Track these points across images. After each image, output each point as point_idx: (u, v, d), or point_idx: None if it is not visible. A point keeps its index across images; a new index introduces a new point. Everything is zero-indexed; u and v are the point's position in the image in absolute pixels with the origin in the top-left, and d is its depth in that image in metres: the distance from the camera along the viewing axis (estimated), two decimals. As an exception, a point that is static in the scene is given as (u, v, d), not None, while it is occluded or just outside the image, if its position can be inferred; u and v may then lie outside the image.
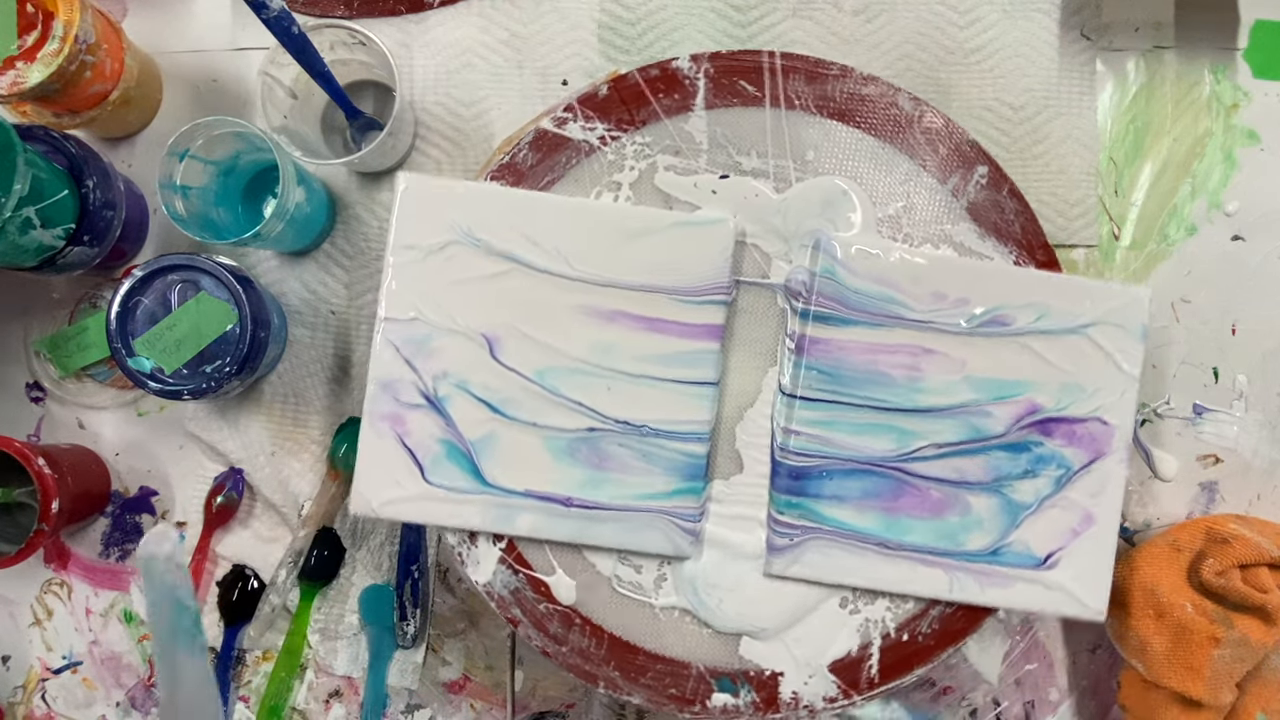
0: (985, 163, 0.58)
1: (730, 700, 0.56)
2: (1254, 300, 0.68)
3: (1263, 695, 0.61)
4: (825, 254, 0.56)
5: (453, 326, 0.55)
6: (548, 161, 0.58)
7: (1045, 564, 0.56)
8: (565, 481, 0.56)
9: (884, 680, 0.56)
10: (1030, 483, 0.56)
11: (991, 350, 0.56)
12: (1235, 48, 0.69)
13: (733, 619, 0.56)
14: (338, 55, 0.63)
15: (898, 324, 0.56)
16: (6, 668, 0.70)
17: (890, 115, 0.58)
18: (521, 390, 0.56)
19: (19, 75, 0.58)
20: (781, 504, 0.56)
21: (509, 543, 0.57)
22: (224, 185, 0.66)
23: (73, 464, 0.65)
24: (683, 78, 0.58)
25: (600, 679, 0.56)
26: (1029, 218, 0.58)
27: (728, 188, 0.58)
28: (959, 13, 0.68)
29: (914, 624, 0.57)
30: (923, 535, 0.56)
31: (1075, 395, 0.56)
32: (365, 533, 0.68)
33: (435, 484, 0.55)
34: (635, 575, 0.57)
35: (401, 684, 0.68)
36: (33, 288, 0.69)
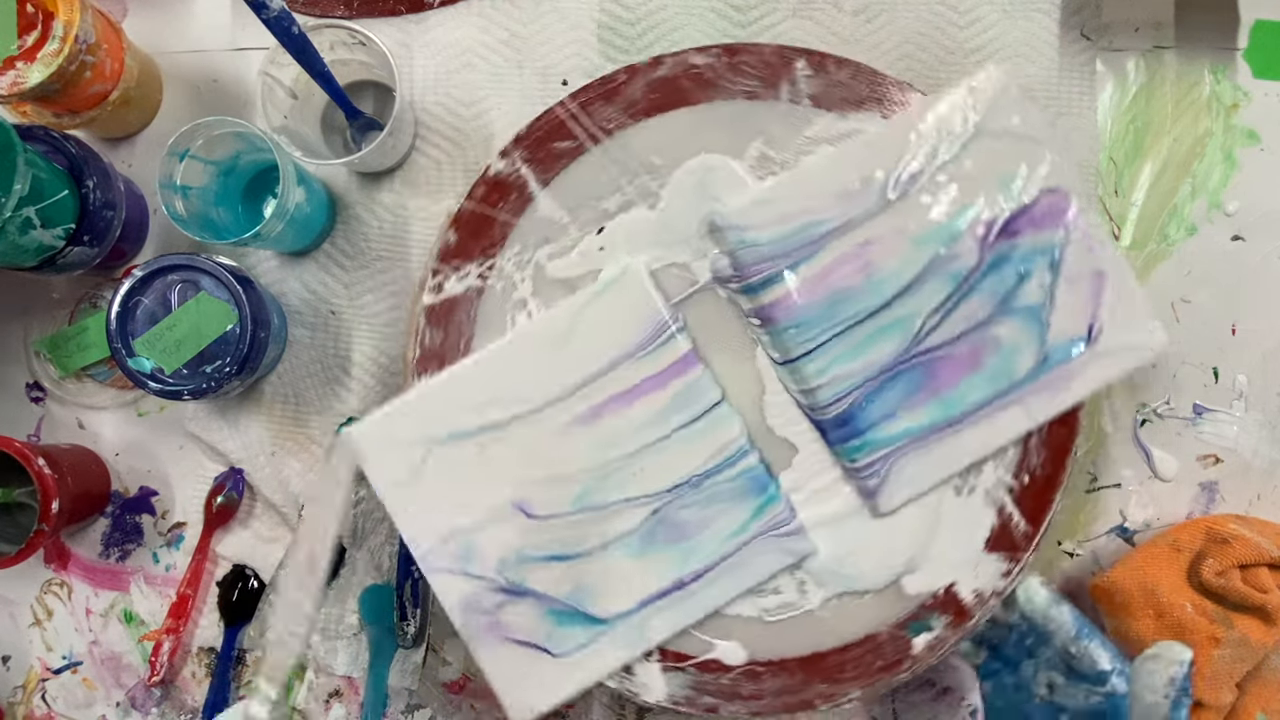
0: (798, 55, 0.57)
1: (929, 636, 0.56)
2: (1254, 300, 0.68)
3: (1263, 695, 0.61)
4: (725, 229, 0.55)
5: (481, 519, 0.55)
6: (452, 326, 0.57)
7: (1092, 338, 0.55)
8: (665, 570, 0.55)
9: (1036, 524, 0.57)
10: (1031, 284, 0.55)
11: (918, 204, 0.55)
12: (1235, 48, 0.69)
13: (881, 572, 0.56)
14: (338, 55, 0.63)
15: (827, 240, 0.55)
16: (6, 668, 0.70)
17: (693, 80, 0.57)
18: (573, 526, 0.55)
19: (19, 75, 0.58)
20: (849, 452, 0.56)
21: (659, 650, 0.56)
22: (224, 185, 0.66)
23: (73, 464, 0.65)
24: (508, 178, 0.57)
25: (814, 700, 0.56)
26: (867, 73, 0.57)
27: (609, 237, 0.57)
28: (959, 13, 0.67)
29: (1025, 464, 0.57)
30: (979, 390, 0.55)
31: (1011, 187, 0.55)
32: (365, 533, 0.68)
33: (565, 654, 0.55)
34: (779, 598, 0.57)
35: (401, 684, 0.68)
36: (33, 288, 0.69)
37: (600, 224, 0.57)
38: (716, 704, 0.56)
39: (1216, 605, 0.59)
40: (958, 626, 0.56)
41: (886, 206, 0.55)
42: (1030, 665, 0.57)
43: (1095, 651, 0.54)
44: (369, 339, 0.68)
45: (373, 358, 0.68)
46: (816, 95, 0.57)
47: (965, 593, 0.56)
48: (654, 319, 0.55)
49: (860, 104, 0.57)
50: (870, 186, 0.55)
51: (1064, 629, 0.55)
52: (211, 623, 0.69)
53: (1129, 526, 0.68)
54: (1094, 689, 0.54)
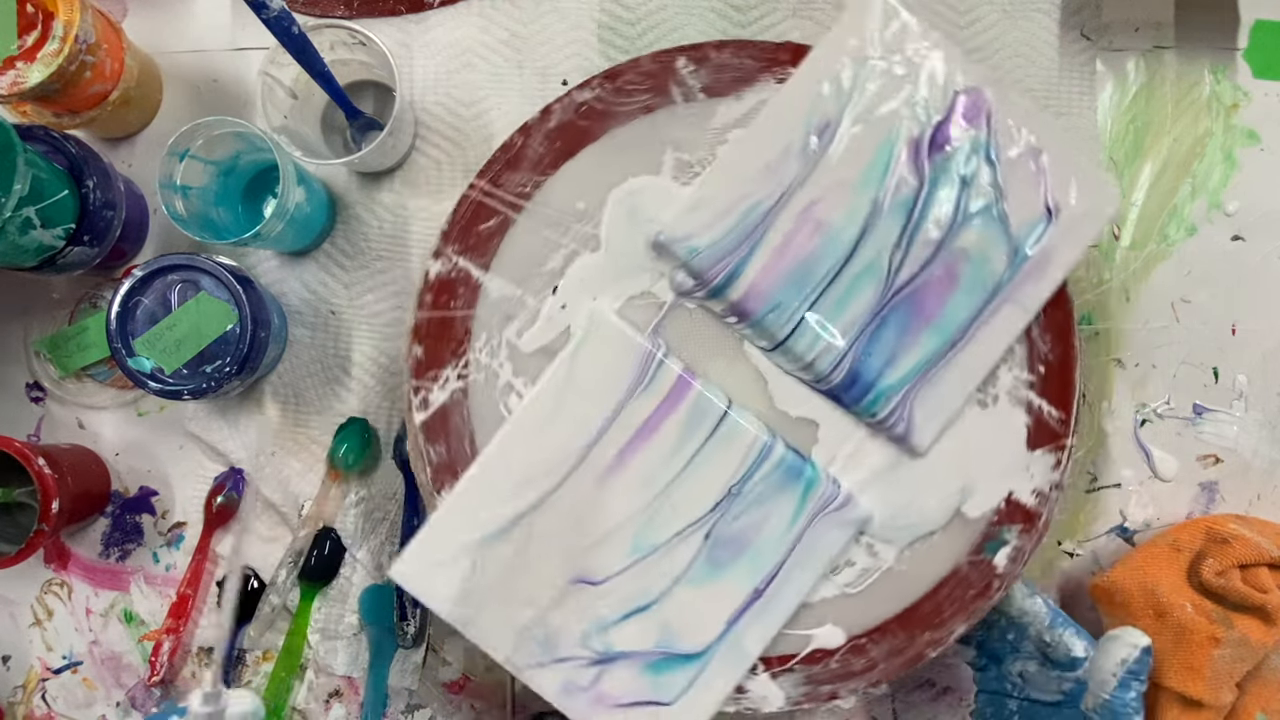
0: (676, 55, 0.57)
1: (1007, 549, 0.56)
2: (1254, 300, 0.68)
3: (1263, 695, 0.61)
4: (670, 245, 0.55)
5: (548, 604, 0.55)
6: (452, 435, 0.56)
7: (1054, 214, 0.55)
8: (738, 585, 0.55)
9: (1066, 408, 0.57)
10: (977, 185, 0.55)
11: (843, 150, 0.55)
12: (1235, 48, 0.69)
13: (940, 509, 0.56)
14: (338, 55, 0.63)
15: (771, 218, 0.55)
16: (6, 668, 0.70)
17: (586, 117, 0.57)
18: (637, 577, 0.55)
19: (19, 75, 0.58)
20: (867, 408, 0.56)
21: (762, 661, 0.56)
22: (224, 185, 0.66)
23: (73, 464, 0.65)
24: (450, 275, 0.56)
25: (924, 650, 0.56)
26: (746, 47, 0.57)
27: (566, 293, 0.56)
28: (959, 13, 0.67)
29: (1035, 355, 0.57)
30: (965, 304, 0.55)
31: (922, 99, 0.55)
32: (365, 533, 0.68)
33: (676, 699, 0.55)
34: (855, 569, 0.57)
35: (401, 684, 0.68)
36: (33, 288, 0.69)
37: (553, 284, 0.56)
38: (835, 688, 0.56)
39: (1216, 605, 0.59)
40: (1030, 532, 0.56)
41: (814, 164, 0.55)
42: (1012, 658, 0.58)
43: (1069, 640, 0.55)
44: (369, 339, 0.68)
45: (373, 358, 0.68)
46: (708, 86, 0.57)
47: (1025, 497, 0.56)
48: (638, 353, 0.55)
49: (752, 79, 0.57)
50: (791, 151, 0.55)
51: (1038, 619, 0.56)
52: (211, 623, 0.69)
53: (1129, 526, 0.68)
54: (1065, 675, 0.55)
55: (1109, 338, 0.68)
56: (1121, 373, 0.68)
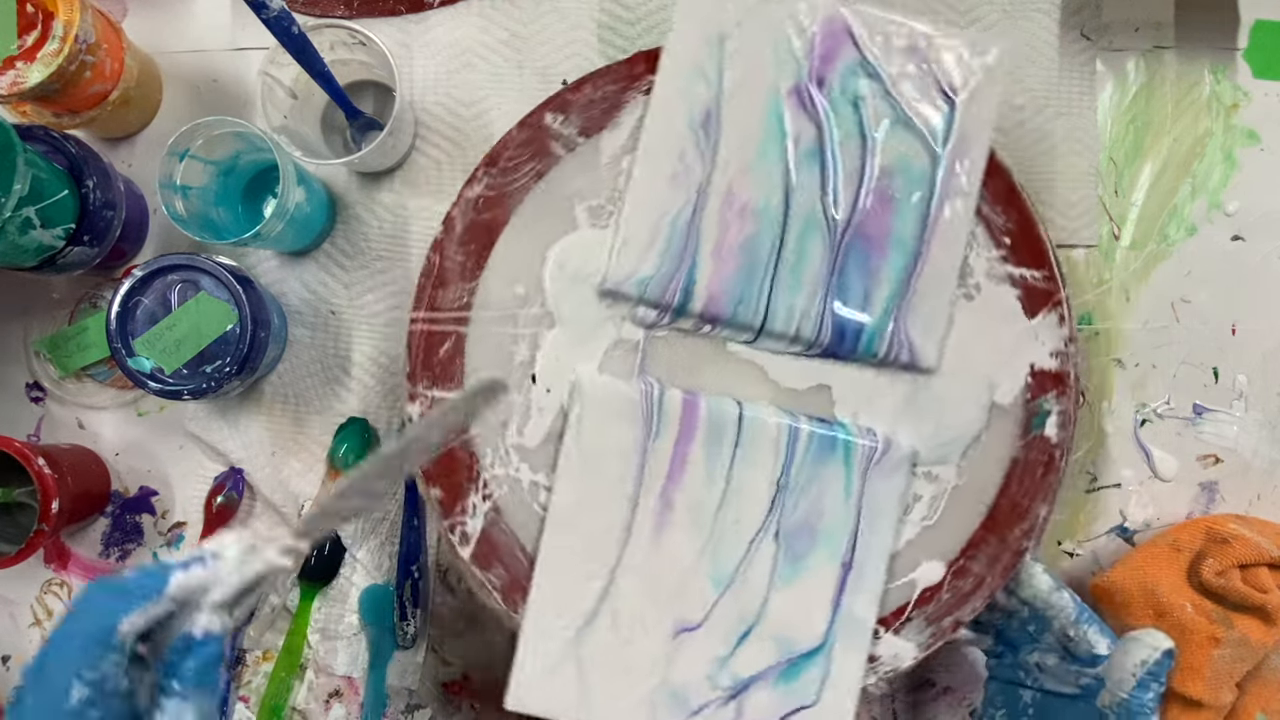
0: (541, 112, 0.57)
1: (1053, 418, 0.57)
2: (1254, 300, 0.68)
3: (1263, 695, 0.61)
4: (616, 289, 0.55)
5: (663, 667, 0.54)
6: (504, 554, 0.56)
7: (953, 95, 0.56)
8: (825, 569, 0.55)
9: (1044, 265, 0.57)
10: (871, 103, 0.55)
11: (731, 132, 0.55)
12: (1235, 48, 0.69)
13: (974, 414, 0.57)
14: (338, 55, 0.63)
15: (698, 221, 0.55)
16: (6, 668, 0.70)
17: (486, 209, 0.56)
18: (732, 603, 0.55)
19: (19, 75, 0.58)
20: (866, 351, 0.56)
21: (880, 624, 0.56)
22: (224, 185, 0.66)
23: (73, 464, 0.65)
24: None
25: (1020, 543, 0.56)
26: (601, 76, 0.57)
27: (545, 378, 0.56)
28: (959, 13, 0.67)
29: (995, 231, 0.57)
30: (909, 216, 0.55)
31: (785, 50, 0.55)
32: (365, 533, 0.68)
33: (819, 697, 0.55)
34: (923, 502, 0.57)
35: (401, 684, 0.68)
36: (33, 288, 0.69)
37: (529, 374, 0.56)
38: (955, 618, 0.56)
39: (1216, 605, 0.59)
40: (1064, 393, 0.57)
41: (713, 155, 0.55)
42: (1030, 649, 0.58)
43: (1093, 636, 0.55)
44: (369, 339, 0.68)
45: (373, 358, 0.68)
46: (583, 128, 0.57)
47: (1046, 362, 0.57)
48: (637, 402, 0.55)
49: (620, 102, 0.57)
50: (687, 153, 0.55)
51: (1064, 613, 0.56)
52: (211, 623, 0.69)
53: (1129, 526, 0.68)
54: (1085, 670, 0.55)
55: (1109, 338, 0.68)
56: (1121, 373, 0.68)
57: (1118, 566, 0.63)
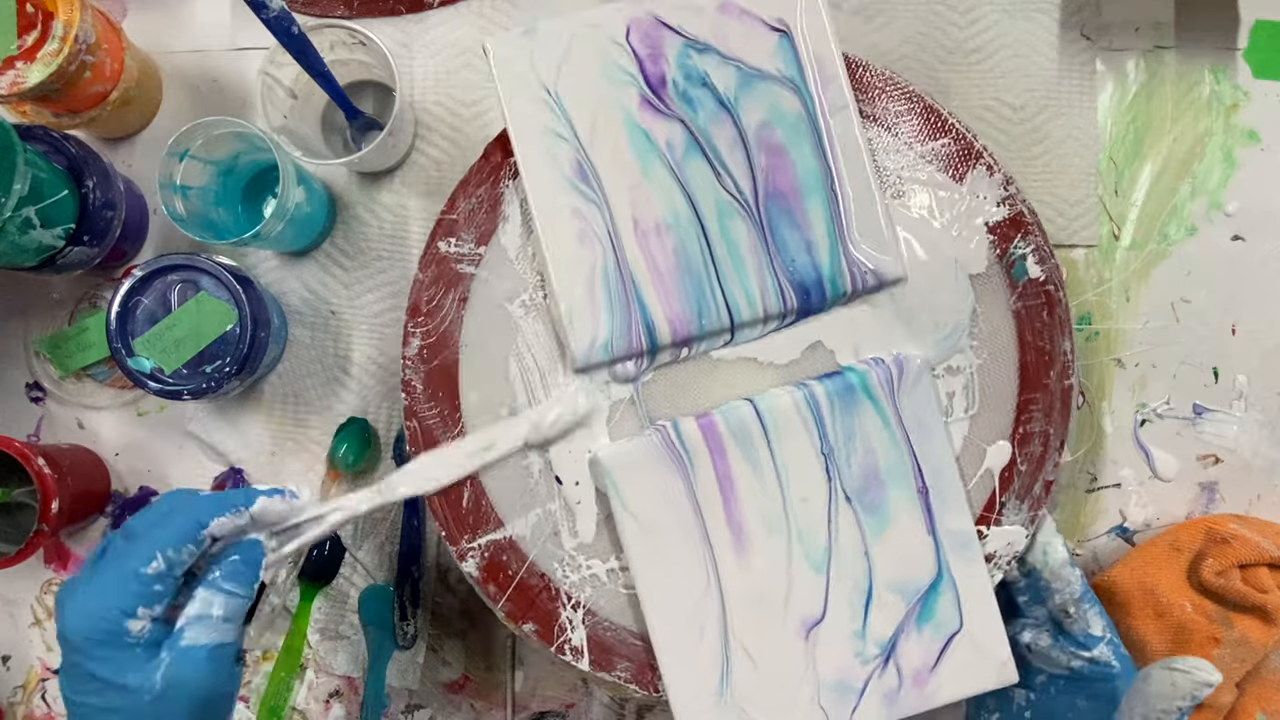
0: (436, 239, 0.57)
1: (1029, 258, 0.57)
2: (1254, 300, 0.68)
3: (1263, 695, 0.61)
4: (588, 365, 0.55)
5: (810, 670, 0.55)
6: (611, 646, 0.56)
7: (783, 25, 0.56)
8: (906, 504, 0.55)
9: (944, 131, 0.57)
10: (714, 73, 0.55)
11: (607, 166, 0.55)
12: (1235, 48, 0.69)
13: (958, 295, 0.57)
14: (338, 55, 0.63)
15: (624, 262, 0.55)
16: (6, 668, 0.70)
17: (436, 370, 0.56)
18: (840, 580, 0.55)
19: (19, 75, 0.58)
20: (835, 295, 0.56)
21: (979, 525, 0.57)
22: (224, 185, 0.66)
23: (73, 464, 0.65)
24: (490, 557, 0.56)
25: (1065, 386, 0.57)
26: (470, 180, 0.57)
27: (568, 474, 0.56)
28: (959, 13, 0.68)
29: (884, 121, 0.57)
30: (806, 156, 0.56)
31: (610, 65, 0.55)
32: (365, 533, 0.68)
33: (962, 619, 0.55)
34: (957, 398, 0.57)
35: (401, 684, 0.68)
36: (33, 288, 0.69)
37: (554, 480, 0.56)
38: (1046, 479, 0.57)
39: (1216, 605, 0.59)
40: (1026, 231, 0.57)
41: (603, 195, 0.55)
42: (1018, 624, 0.58)
43: (1092, 617, 0.55)
44: (369, 339, 0.68)
45: (372, 358, 0.68)
46: (479, 237, 0.57)
47: (996, 214, 0.57)
48: (659, 449, 0.55)
49: (497, 198, 0.57)
50: (579, 207, 0.55)
51: (1070, 588, 0.56)
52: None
53: (1129, 526, 0.68)
54: (1079, 652, 0.55)
55: (1109, 338, 0.68)
56: (1121, 373, 0.68)
57: (1118, 566, 0.63)
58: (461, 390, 0.57)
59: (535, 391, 0.57)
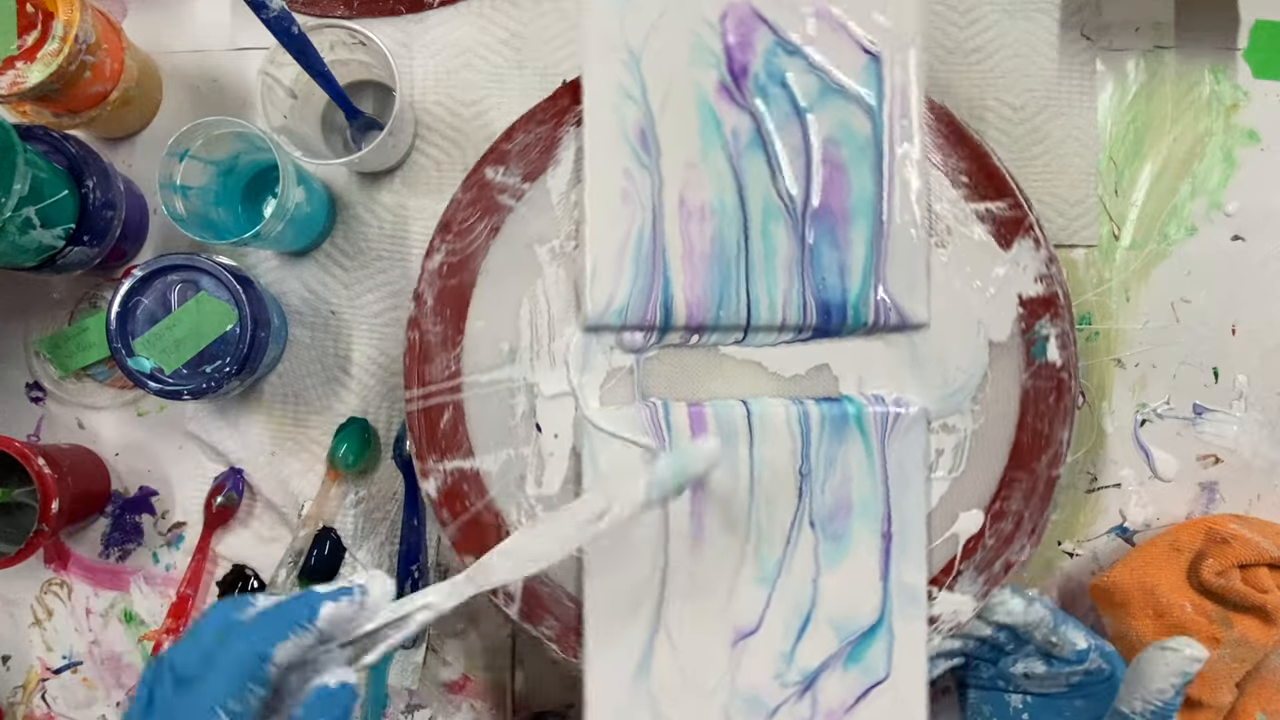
0: (483, 166, 0.57)
1: (1053, 341, 0.57)
2: (1254, 300, 0.68)
3: (1263, 695, 0.61)
4: (598, 323, 0.55)
5: (730, 674, 0.55)
6: (547, 603, 0.56)
7: (876, 53, 0.56)
8: (867, 544, 0.55)
9: (1006, 194, 0.57)
10: (797, 78, 0.55)
11: (670, 140, 0.55)
12: (1235, 48, 0.69)
13: (975, 355, 0.57)
14: (338, 55, 0.63)
15: (659, 235, 0.55)
16: (6, 668, 0.70)
17: (453, 274, 0.56)
18: (783, 599, 0.55)
19: (19, 75, 0.58)
20: (855, 323, 0.56)
21: (932, 583, 0.57)
22: (224, 185, 0.66)
23: (73, 464, 0.65)
24: (449, 485, 0.56)
25: (1051, 473, 0.56)
26: (530, 118, 0.57)
27: (550, 424, 0.56)
28: (959, 13, 0.67)
29: (952, 172, 0.57)
30: (863, 181, 0.55)
31: (700, 45, 0.55)
32: (365, 533, 0.68)
33: (890, 669, 0.55)
34: (946, 457, 0.57)
35: (401, 684, 0.68)
36: (33, 288, 0.69)
37: (533, 425, 0.56)
38: (1009, 559, 0.57)
39: (1216, 605, 0.59)
40: (1059, 312, 0.56)
41: (657, 166, 0.55)
42: (1009, 660, 0.58)
43: (1072, 635, 0.56)
44: (369, 339, 0.68)
45: (372, 358, 0.68)
46: (526, 174, 0.57)
47: (1031, 289, 0.57)
48: (644, 428, 0.55)
49: (556, 140, 0.57)
50: (631, 171, 0.55)
51: (1044, 625, 0.56)
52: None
53: (1129, 526, 0.68)
54: (1075, 669, 0.56)
55: (1109, 338, 0.68)
56: (1121, 373, 0.68)
57: (1118, 566, 0.63)
58: (470, 315, 0.56)
59: (540, 338, 0.56)
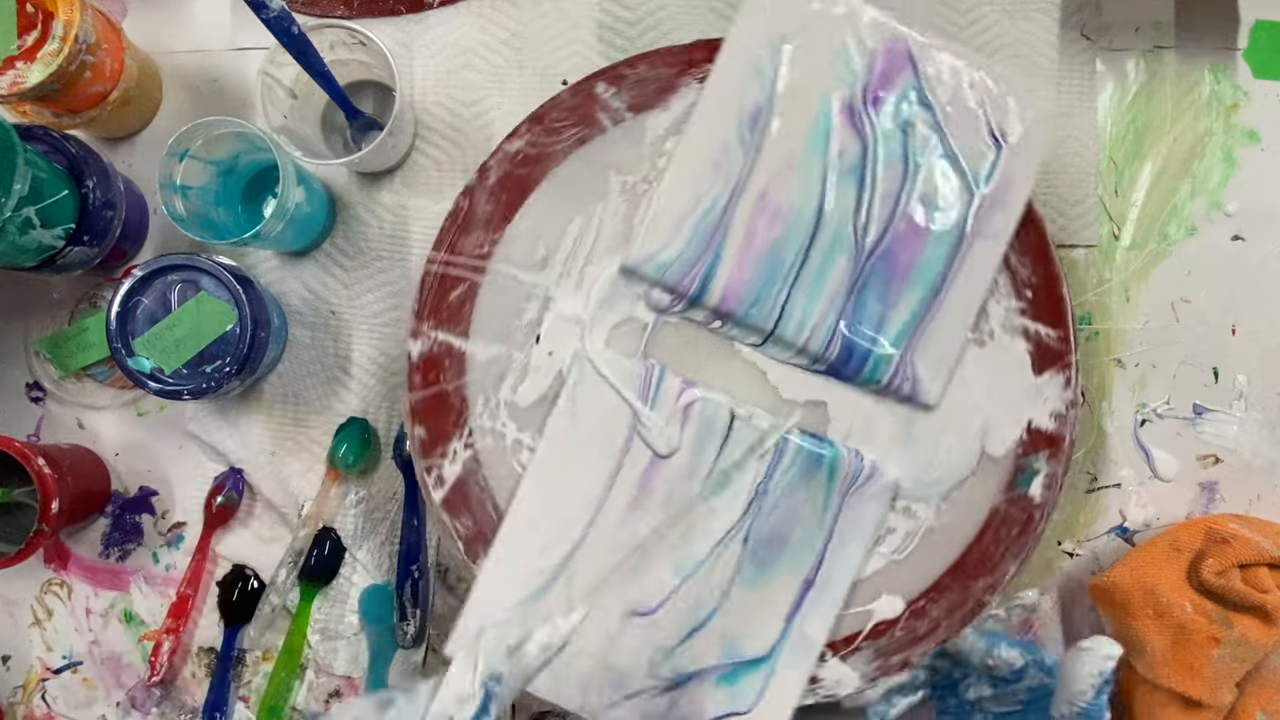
0: (594, 81, 0.57)
1: (1040, 478, 0.57)
2: (1254, 300, 0.68)
3: (1263, 695, 0.61)
4: (637, 267, 0.55)
5: (607, 647, 0.55)
6: (474, 504, 0.56)
7: (1001, 140, 0.55)
8: (788, 580, 0.56)
9: (1062, 326, 0.57)
10: (919, 131, 0.55)
11: (779, 131, 0.55)
12: (1235, 48, 0.69)
13: (964, 457, 0.57)
14: (338, 55, 0.63)
15: (728, 215, 0.55)
16: (6, 668, 0.70)
17: (523, 164, 0.57)
18: (688, 595, 0.55)
19: (19, 75, 0.58)
20: (870, 376, 0.56)
21: (829, 647, 0.57)
22: (224, 185, 0.66)
23: (73, 464, 0.65)
24: (433, 351, 0.56)
25: (983, 597, 0.56)
26: (660, 55, 0.57)
27: (549, 339, 0.56)
28: (959, 13, 0.67)
29: (1019, 283, 0.57)
30: (939, 249, 0.55)
31: (848, 63, 0.55)
32: (365, 533, 0.68)
33: (754, 704, 0.55)
34: (896, 535, 0.57)
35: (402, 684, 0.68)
36: (33, 288, 0.69)
37: (534, 334, 0.56)
38: (904, 656, 0.57)
39: (1216, 605, 0.59)
40: (1057, 455, 0.56)
41: (757, 151, 0.55)
42: (964, 686, 0.59)
43: (1007, 654, 0.56)
44: (369, 339, 0.68)
45: (372, 358, 0.68)
46: (632, 103, 0.57)
47: (1045, 422, 0.57)
48: (633, 384, 0.55)
49: (674, 85, 0.57)
50: (730, 145, 0.55)
51: (976, 651, 0.57)
52: (211, 623, 0.69)
53: (1129, 526, 0.68)
54: (1017, 687, 0.56)
55: (1109, 338, 0.68)
56: (1121, 373, 0.68)
57: (1118, 566, 0.63)
58: (523, 208, 0.57)
59: (576, 258, 0.56)
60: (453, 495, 0.56)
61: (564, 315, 0.56)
